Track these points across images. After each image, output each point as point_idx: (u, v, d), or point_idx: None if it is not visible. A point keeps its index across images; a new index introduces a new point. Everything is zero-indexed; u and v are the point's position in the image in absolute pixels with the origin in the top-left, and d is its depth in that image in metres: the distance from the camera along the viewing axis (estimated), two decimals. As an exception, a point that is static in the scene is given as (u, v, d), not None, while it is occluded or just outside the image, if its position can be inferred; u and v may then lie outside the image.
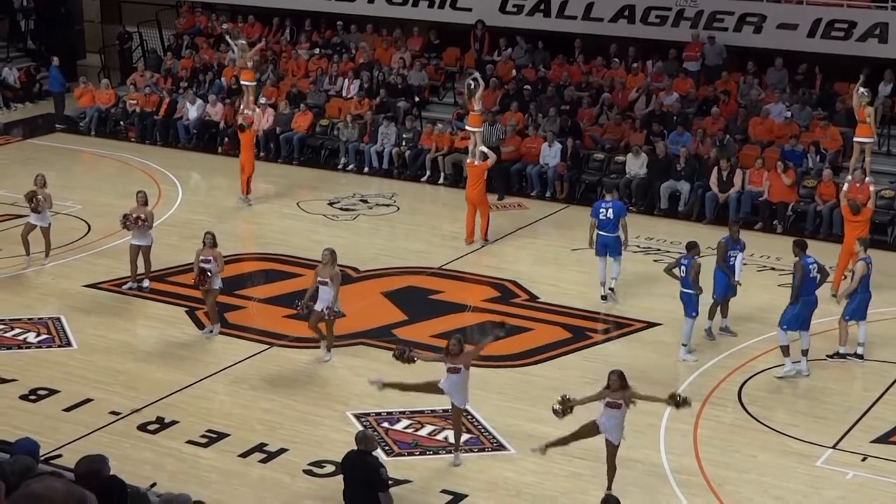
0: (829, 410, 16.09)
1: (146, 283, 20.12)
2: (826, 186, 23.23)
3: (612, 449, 13.37)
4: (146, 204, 20.07)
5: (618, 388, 13.18)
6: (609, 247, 19.62)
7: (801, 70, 26.89)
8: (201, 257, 18.10)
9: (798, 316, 16.91)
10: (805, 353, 16.99)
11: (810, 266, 16.94)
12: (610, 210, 19.62)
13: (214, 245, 18.17)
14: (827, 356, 17.58)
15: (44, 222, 20.89)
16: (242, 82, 26.11)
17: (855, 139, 21.20)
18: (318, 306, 17.14)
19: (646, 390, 13.86)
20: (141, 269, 20.01)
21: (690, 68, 27.99)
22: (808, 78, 26.98)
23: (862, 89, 20.86)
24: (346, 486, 12.10)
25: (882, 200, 23.25)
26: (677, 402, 13.43)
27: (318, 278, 17.15)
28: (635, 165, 25.09)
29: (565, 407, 13.39)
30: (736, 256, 18.19)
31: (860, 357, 17.60)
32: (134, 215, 19.70)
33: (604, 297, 19.87)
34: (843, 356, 17.59)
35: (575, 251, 22.25)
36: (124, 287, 20.11)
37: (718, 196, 23.91)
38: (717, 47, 27.75)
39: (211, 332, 18.41)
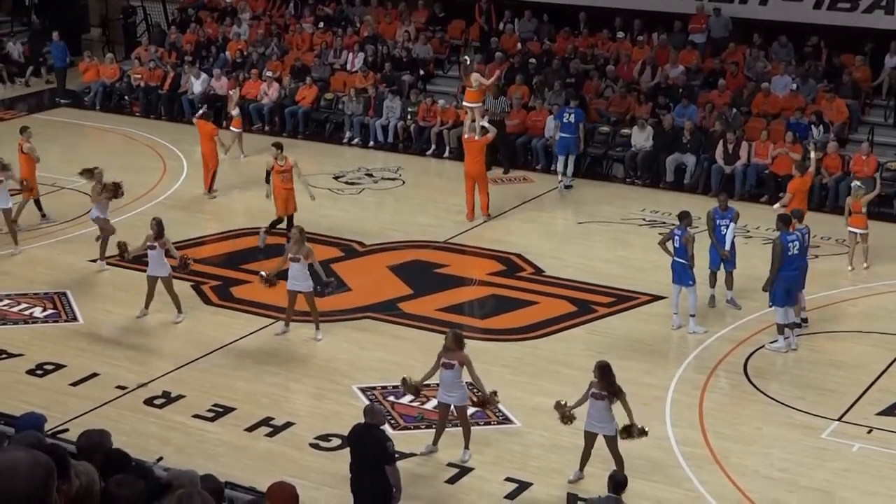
0: (834, 383, 16.08)
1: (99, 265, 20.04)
2: (832, 159, 23.16)
3: (610, 442, 13.19)
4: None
5: (600, 379, 13.11)
6: (570, 146, 24.18)
7: (810, 43, 26.74)
8: (147, 243, 17.75)
9: (779, 291, 16.84)
10: (790, 326, 16.93)
11: (789, 243, 16.82)
12: (572, 115, 24.26)
13: (160, 235, 17.67)
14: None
15: (6, 204, 20.77)
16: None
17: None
18: (296, 285, 17.09)
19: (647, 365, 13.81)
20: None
21: (696, 40, 27.89)
22: (813, 50, 26.86)
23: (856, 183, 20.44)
24: (353, 460, 12.11)
25: (888, 172, 23.19)
26: (632, 433, 13.20)
27: (289, 255, 17.07)
28: (641, 138, 25.04)
29: (564, 415, 13.42)
30: (727, 226, 18.17)
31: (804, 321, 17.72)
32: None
33: (568, 187, 24.15)
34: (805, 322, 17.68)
35: (580, 224, 22.25)
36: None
37: (724, 169, 23.84)
38: (722, 19, 27.64)
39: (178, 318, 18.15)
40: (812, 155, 20.48)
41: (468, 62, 23.43)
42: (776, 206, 19.91)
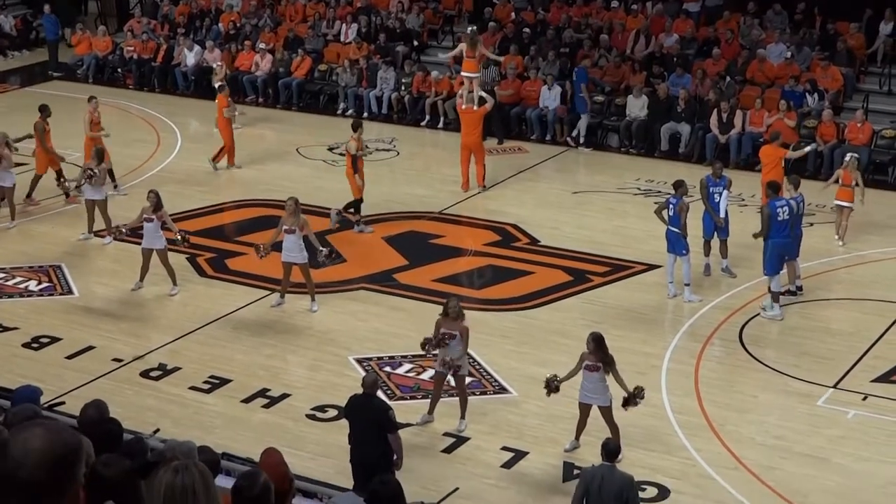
0: (830, 350, 16.12)
1: (91, 238, 20.03)
2: (826, 127, 23.14)
3: (605, 412, 13.21)
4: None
5: (594, 351, 13.11)
6: (580, 106, 25.12)
7: (799, 10, 26.69)
8: (144, 216, 17.63)
9: (770, 259, 16.83)
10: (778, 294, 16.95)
11: (778, 209, 16.81)
12: (575, 75, 25.27)
13: (159, 207, 17.57)
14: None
15: (7, 182, 20.69)
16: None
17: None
18: (291, 256, 17.04)
19: (641, 336, 13.82)
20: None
21: (690, 9, 27.82)
22: (807, 18, 26.80)
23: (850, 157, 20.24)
24: (353, 430, 12.09)
25: (883, 140, 23.19)
26: (632, 399, 13.14)
27: (284, 227, 17.02)
28: (636, 107, 25.00)
29: (551, 386, 13.41)
30: (721, 193, 18.15)
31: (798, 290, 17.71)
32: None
33: (579, 144, 24.97)
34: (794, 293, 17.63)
35: (575, 194, 22.24)
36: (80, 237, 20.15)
37: (719, 137, 23.82)
38: (717, -13, 27.59)
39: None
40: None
41: (476, 33, 23.29)
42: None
